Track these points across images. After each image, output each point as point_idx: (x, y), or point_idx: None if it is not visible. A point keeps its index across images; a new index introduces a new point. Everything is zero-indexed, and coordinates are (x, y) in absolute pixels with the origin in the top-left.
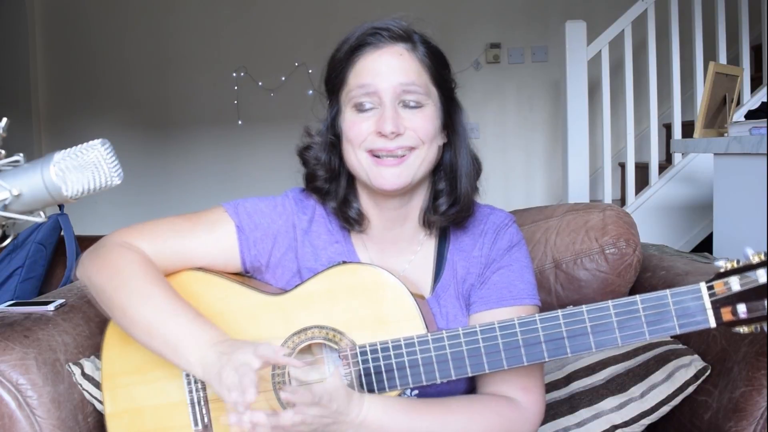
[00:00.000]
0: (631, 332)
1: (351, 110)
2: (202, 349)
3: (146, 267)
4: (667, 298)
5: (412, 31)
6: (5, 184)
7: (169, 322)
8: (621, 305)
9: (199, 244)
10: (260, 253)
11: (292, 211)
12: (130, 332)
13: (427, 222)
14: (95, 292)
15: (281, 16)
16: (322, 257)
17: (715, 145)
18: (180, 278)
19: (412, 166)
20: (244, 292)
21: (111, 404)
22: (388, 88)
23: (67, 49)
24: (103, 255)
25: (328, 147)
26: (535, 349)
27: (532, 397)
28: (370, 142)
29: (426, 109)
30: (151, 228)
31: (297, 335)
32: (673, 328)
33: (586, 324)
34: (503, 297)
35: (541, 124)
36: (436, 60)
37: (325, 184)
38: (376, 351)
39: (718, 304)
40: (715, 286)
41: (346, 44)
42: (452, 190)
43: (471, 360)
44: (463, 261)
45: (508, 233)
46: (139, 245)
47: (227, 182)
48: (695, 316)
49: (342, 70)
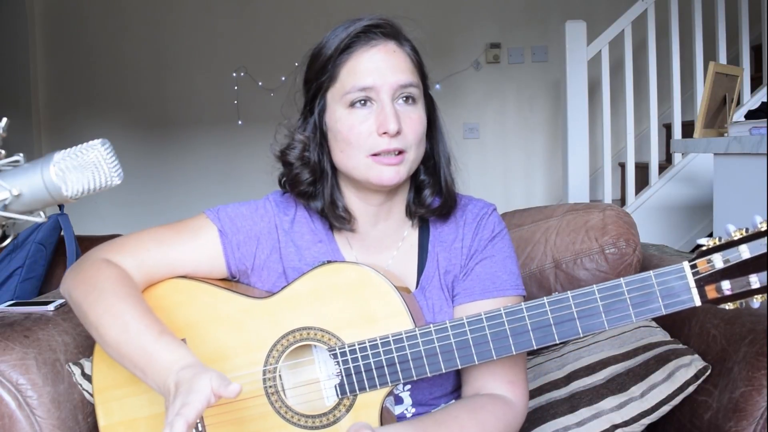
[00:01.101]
0: (618, 315)
1: (344, 109)
2: (163, 373)
3: (120, 283)
4: (651, 279)
5: (399, 27)
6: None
7: (135, 343)
8: (606, 289)
9: (182, 252)
10: (244, 256)
11: (274, 212)
12: (104, 349)
13: (411, 214)
14: (75, 308)
15: (281, 16)
16: (306, 257)
17: (715, 145)
18: (165, 287)
19: (407, 163)
20: (230, 297)
21: (105, 417)
22: (386, 85)
23: (67, 49)
24: (82, 271)
25: (317, 146)
26: (523, 337)
27: (519, 390)
28: (373, 144)
29: (418, 105)
30: (133, 240)
31: (285, 338)
32: (659, 309)
33: (573, 309)
34: (487, 288)
35: (541, 124)
36: (418, 56)
37: (309, 187)
38: (365, 349)
39: (702, 282)
40: (698, 264)
41: (335, 40)
42: (435, 181)
43: (460, 352)
44: (444, 252)
45: (490, 222)
46: (119, 260)
47: (227, 182)
48: (680, 296)
49: (332, 67)
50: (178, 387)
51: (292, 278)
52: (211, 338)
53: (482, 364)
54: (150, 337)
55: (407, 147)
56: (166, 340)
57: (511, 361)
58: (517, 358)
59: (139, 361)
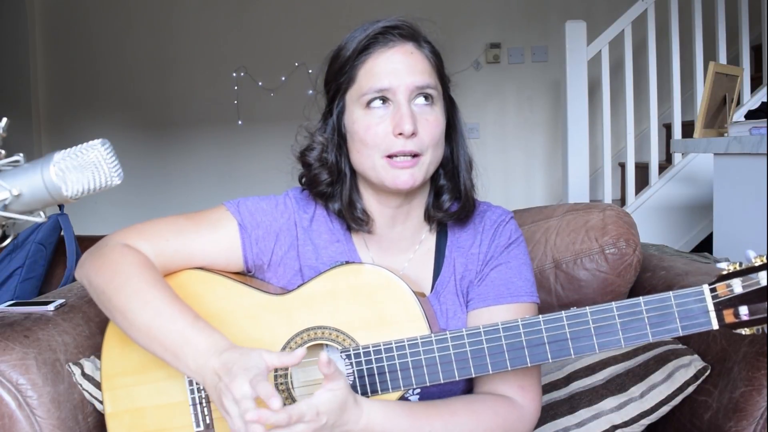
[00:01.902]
0: (634, 334)
1: (362, 110)
2: (202, 357)
3: (146, 269)
4: (670, 300)
5: (417, 29)
6: (5, 184)
7: (169, 327)
8: (624, 307)
9: (200, 243)
10: (262, 251)
11: (294, 209)
12: (129, 334)
13: (429, 218)
14: (95, 294)
15: (281, 16)
16: (323, 256)
17: (715, 145)
18: (181, 278)
19: (423, 165)
20: (246, 291)
21: (111, 404)
22: (402, 86)
23: (67, 49)
24: (103, 255)
25: (335, 148)
26: (538, 350)
27: (530, 395)
28: (389, 145)
29: (436, 107)
30: (152, 228)
31: (299, 336)
32: (676, 330)
33: (590, 325)
34: (501, 294)
35: (541, 124)
36: (438, 58)
37: (328, 188)
38: (380, 352)
39: (720, 306)
40: (718, 288)
41: (353, 42)
42: (454, 186)
43: (475, 361)
44: (461, 258)
45: (507, 229)
46: (139, 246)
47: (227, 182)
48: (698, 318)
49: (350, 69)
50: (229, 367)
51: (307, 276)
52: (225, 332)
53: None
54: (185, 321)
55: (423, 149)
56: (201, 324)
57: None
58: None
59: (171, 344)
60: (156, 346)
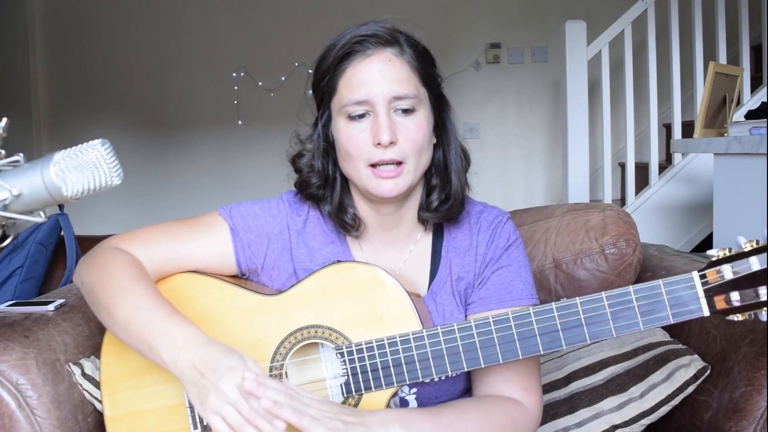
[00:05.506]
0: (626, 323)
1: (344, 120)
2: (177, 350)
3: (132, 267)
4: (660, 287)
5: (398, 33)
6: (5, 184)
7: (145, 319)
8: (614, 296)
9: (193, 247)
10: (255, 255)
11: (287, 213)
12: (112, 330)
13: (422, 219)
14: (86, 294)
15: (281, 16)
16: (317, 258)
17: (715, 145)
18: (175, 281)
19: (408, 174)
20: (240, 293)
21: (111, 408)
22: (380, 97)
23: (67, 49)
24: (95, 258)
25: (321, 154)
26: (530, 342)
27: (533, 397)
28: (370, 155)
29: (418, 114)
30: (146, 233)
31: (293, 335)
32: (667, 318)
33: (581, 316)
34: (503, 298)
35: (541, 124)
36: (424, 60)
37: (319, 190)
38: (372, 348)
39: (711, 292)
40: (708, 274)
41: (333, 51)
42: (444, 186)
43: (467, 355)
44: (457, 258)
45: (505, 231)
46: (132, 250)
47: (227, 182)
48: (688, 305)
49: (331, 78)
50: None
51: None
52: (219, 333)
53: (496, 371)
54: (161, 314)
55: (404, 157)
56: (178, 318)
57: (526, 369)
58: (532, 366)
59: (147, 337)
60: (134, 340)
